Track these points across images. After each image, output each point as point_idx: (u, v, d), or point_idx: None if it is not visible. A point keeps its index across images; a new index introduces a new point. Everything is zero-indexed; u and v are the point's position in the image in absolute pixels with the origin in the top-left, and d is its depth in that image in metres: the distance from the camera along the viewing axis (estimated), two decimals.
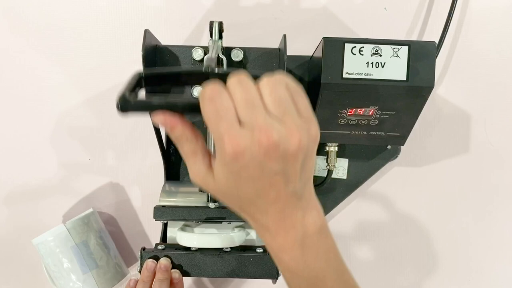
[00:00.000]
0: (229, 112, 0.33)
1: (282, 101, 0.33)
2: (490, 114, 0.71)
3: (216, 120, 0.33)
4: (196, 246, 0.57)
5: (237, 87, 0.33)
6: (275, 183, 0.34)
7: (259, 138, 0.32)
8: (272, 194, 0.35)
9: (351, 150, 0.68)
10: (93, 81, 0.69)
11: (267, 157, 0.32)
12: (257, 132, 0.32)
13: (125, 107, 0.35)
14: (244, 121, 0.33)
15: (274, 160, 0.33)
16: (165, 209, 0.57)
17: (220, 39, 0.56)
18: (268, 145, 0.32)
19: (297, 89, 0.35)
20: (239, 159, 0.32)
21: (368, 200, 0.71)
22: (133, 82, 0.38)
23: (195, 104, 0.34)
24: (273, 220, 0.37)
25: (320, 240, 0.38)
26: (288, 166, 0.34)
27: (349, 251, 0.71)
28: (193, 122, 0.69)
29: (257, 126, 0.32)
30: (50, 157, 0.70)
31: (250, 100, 0.33)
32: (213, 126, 0.33)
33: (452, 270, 0.71)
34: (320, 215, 0.38)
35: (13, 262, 0.70)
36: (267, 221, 0.37)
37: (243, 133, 0.32)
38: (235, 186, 0.35)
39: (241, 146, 0.32)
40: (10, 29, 0.69)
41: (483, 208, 0.71)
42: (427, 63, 0.53)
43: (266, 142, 0.32)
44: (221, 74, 0.39)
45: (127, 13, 0.69)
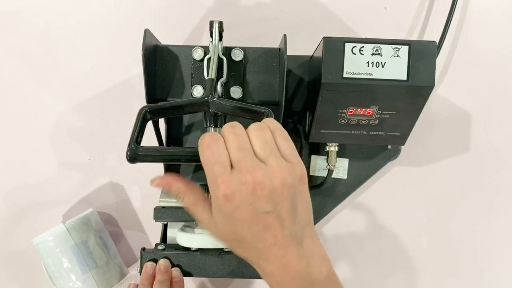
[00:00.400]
0: (223, 157, 0.36)
1: (267, 143, 0.36)
2: (490, 114, 0.71)
3: (212, 164, 0.36)
4: (196, 247, 0.57)
5: (230, 133, 0.37)
6: (270, 225, 0.36)
7: (246, 178, 0.35)
8: (269, 238, 0.36)
9: (351, 150, 0.68)
10: (93, 81, 0.69)
11: (255, 197, 0.35)
12: (244, 173, 0.35)
13: (134, 159, 0.43)
14: (234, 164, 0.36)
15: (263, 199, 0.35)
16: (165, 210, 0.57)
17: (220, 41, 0.56)
18: (254, 184, 0.35)
19: (282, 133, 0.38)
20: (230, 200, 0.35)
21: (368, 200, 0.71)
22: (138, 129, 0.45)
23: (195, 153, 0.38)
24: (276, 267, 0.37)
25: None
26: (278, 206, 0.35)
27: (349, 251, 0.71)
28: (192, 122, 0.69)
29: (244, 167, 0.35)
30: (50, 157, 0.70)
31: (241, 145, 0.36)
32: (209, 170, 0.36)
33: (452, 270, 0.71)
34: (326, 261, 0.39)
35: (13, 262, 0.70)
36: (271, 268, 0.37)
37: (233, 176, 0.35)
38: (233, 229, 0.37)
39: (232, 187, 0.35)
40: (10, 29, 0.69)
41: (483, 208, 0.71)
42: (427, 63, 0.53)
43: (252, 181, 0.35)
44: (219, 103, 0.45)
45: (127, 13, 0.69)
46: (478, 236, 0.71)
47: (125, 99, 0.69)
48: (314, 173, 0.69)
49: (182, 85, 0.59)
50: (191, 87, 0.59)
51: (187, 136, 0.68)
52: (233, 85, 0.59)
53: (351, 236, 0.71)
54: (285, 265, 0.37)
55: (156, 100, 0.60)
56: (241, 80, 0.59)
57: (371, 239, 0.71)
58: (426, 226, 0.71)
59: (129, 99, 0.69)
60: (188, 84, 0.59)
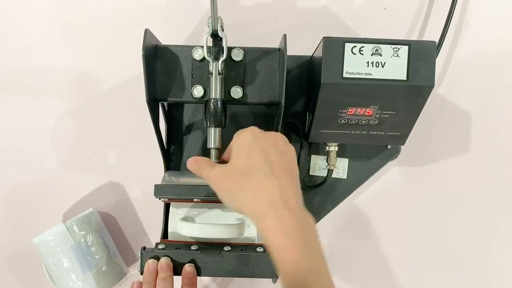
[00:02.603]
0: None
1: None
2: (490, 114, 0.71)
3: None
4: (197, 236, 0.58)
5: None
6: (273, 162, 0.49)
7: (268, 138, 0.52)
8: (268, 167, 0.48)
9: (351, 150, 0.69)
10: (93, 81, 0.69)
11: (272, 146, 0.50)
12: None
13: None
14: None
15: (274, 151, 0.50)
16: (165, 186, 0.57)
17: (220, 40, 0.56)
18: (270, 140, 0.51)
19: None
20: (258, 139, 0.50)
21: (368, 200, 0.71)
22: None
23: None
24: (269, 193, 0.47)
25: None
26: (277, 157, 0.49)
27: (348, 251, 0.71)
28: (193, 122, 0.69)
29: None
30: (50, 157, 0.70)
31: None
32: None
33: (452, 269, 0.71)
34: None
35: (13, 262, 0.70)
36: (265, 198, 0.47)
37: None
38: (247, 159, 0.48)
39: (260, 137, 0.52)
40: (10, 28, 0.69)
41: (483, 208, 0.71)
42: (427, 63, 0.53)
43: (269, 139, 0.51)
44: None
45: (127, 13, 0.69)
46: (478, 236, 0.71)
47: (125, 99, 0.69)
48: (314, 173, 0.69)
49: (182, 85, 0.59)
50: (191, 87, 0.59)
51: (187, 136, 0.68)
52: (233, 85, 0.59)
53: (351, 236, 0.71)
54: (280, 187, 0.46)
55: (156, 100, 0.60)
56: (241, 80, 0.59)
57: (371, 239, 0.71)
58: (426, 226, 0.71)
59: (129, 99, 0.69)
60: (188, 84, 0.59)
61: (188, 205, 0.62)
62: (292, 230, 0.43)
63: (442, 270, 0.71)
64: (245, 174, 0.47)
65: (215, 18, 0.53)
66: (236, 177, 0.48)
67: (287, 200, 0.45)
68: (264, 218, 0.44)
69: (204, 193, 0.56)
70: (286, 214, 0.44)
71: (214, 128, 0.57)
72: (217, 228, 0.58)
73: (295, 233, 0.43)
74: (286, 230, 0.43)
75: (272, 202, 0.45)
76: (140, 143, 0.69)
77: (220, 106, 0.56)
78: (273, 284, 0.58)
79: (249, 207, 0.46)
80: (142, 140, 0.69)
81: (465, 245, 0.71)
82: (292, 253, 0.43)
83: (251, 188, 0.46)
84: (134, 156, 0.70)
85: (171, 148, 0.68)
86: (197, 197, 0.56)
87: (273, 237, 0.44)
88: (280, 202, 0.45)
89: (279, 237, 0.43)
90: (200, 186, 0.56)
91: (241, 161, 0.48)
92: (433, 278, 0.71)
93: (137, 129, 0.69)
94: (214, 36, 0.56)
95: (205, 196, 0.56)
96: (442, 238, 0.71)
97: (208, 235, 0.57)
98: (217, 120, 0.56)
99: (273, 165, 0.47)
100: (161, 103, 0.63)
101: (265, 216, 0.44)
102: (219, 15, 0.53)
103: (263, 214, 0.45)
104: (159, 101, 0.61)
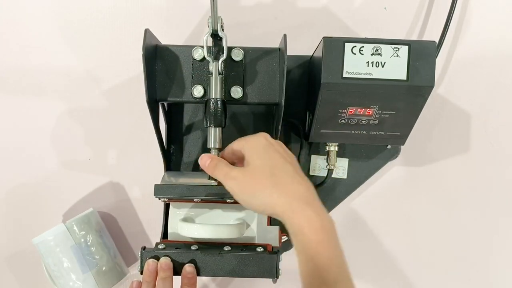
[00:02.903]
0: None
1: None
2: (490, 114, 0.71)
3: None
4: (197, 236, 0.58)
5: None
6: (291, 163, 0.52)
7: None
8: (290, 168, 0.51)
9: (351, 150, 0.69)
10: (93, 81, 0.69)
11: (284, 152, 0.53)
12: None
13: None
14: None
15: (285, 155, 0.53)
16: (165, 186, 0.57)
17: (220, 40, 0.56)
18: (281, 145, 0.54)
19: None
20: (272, 144, 0.52)
21: (368, 200, 0.71)
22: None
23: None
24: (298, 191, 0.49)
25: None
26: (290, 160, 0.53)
27: (348, 251, 0.71)
28: (193, 122, 0.69)
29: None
30: (50, 157, 0.70)
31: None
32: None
33: (452, 269, 0.71)
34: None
35: (13, 262, 0.70)
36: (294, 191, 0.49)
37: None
38: (270, 160, 0.50)
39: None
40: (10, 28, 0.69)
41: (483, 208, 0.71)
42: (427, 63, 0.53)
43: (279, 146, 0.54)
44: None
45: (127, 13, 0.69)
46: (478, 236, 0.71)
47: (126, 98, 0.69)
48: (314, 173, 0.69)
49: (182, 85, 0.59)
50: (191, 87, 0.59)
51: (187, 136, 0.68)
52: (233, 85, 0.59)
53: (351, 236, 0.71)
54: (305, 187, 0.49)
55: (156, 100, 0.60)
56: (241, 80, 0.59)
57: (371, 239, 0.71)
58: (426, 226, 0.71)
59: (129, 99, 0.69)
60: (188, 84, 0.59)
61: (188, 205, 0.62)
62: (328, 226, 0.46)
63: (442, 270, 0.71)
64: (271, 174, 0.48)
65: (215, 18, 0.53)
66: (262, 176, 0.49)
67: (317, 199, 0.48)
68: (302, 212, 0.46)
69: (204, 193, 0.56)
70: (320, 211, 0.46)
71: (214, 128, 0.57)
72: (217, 228, 0.58)
73: (331, 230, 0.46)
74: (325, 226, 0.45)
75: (306, 199, 0.47)
76: (140, 143, 0.69)
77: (220, 106, 0.56)
78: (273, 284, 0.58)
79: (282, 204, 0.47)
80: (142, 140, 0.69)
81: (465, 245, 0.71)
82: (329, 249, 0.45)
83: (281, 186, 0.48)
84: (134, 156, 0.70)
85: (171, 148, 0.68)
86: (197, 197, 0.56)
87: (311, 231, 0.45)
88: (312, 200, 0.47)
89: (318, 232, 0.45)
90: (200, 186, 0.56)
91: (263, 162, 0.50)
92: (433, 278, 0.71)
93: (137, 129, 0.69)
94: (214, 36, 0.56)
95: (205, 196, 0.56)
96: (442, 238, 0.71)
97: (208, 235, 0.57)
98: (217, 120, 0.56)
99: (293, 166, 0.50)
100: (161, 103, 0.63)
101: (303, 211, 0.46)
102: (219, 15, 0.53)
103: (300, 208, 0.46)
104: (159, 101, 0.61)
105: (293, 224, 0.46)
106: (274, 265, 0.56)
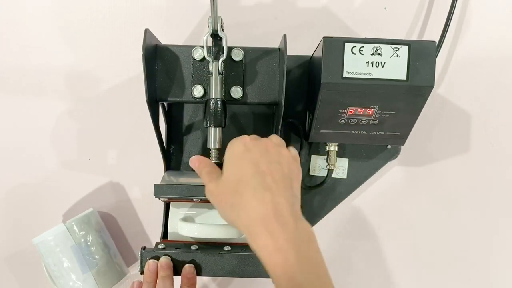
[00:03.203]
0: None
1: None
2: (490, 114, 0.71)
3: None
4: (197, 236, 0.58)
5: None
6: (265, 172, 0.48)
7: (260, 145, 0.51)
8: (266, 180, 0.47)
9: (351, 150, 0.69)
10: (93, 81, 0.69)
11: (264, 155, 0.49)
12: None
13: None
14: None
15: (264, 158, 0.49)
16: (165, 186, 0.57)
17: (220, 40, 0.56)
18: (262, 148, 0.50)
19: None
20: (249, 150, 0.49)
21: (368, 200, 0.71)
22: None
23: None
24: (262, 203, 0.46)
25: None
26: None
27: (348, 251, 0.71)
28: (193, 122, 0.69)
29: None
30: (50, 157, 0.70)
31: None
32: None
33: (452, 269, 0.71)
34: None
35: (13, 262, 0.70)
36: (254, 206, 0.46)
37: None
38: (239, 170, 0.48)
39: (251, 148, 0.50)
40: (10, 28, 0.69)
41: (483, 208, 0.71)
42: (427, 63, 0.53)
43: (261, 147, 0.50)
44: None
45: (127, 13, 0.69)
46: (478, 236, 0.71)
47: (125, 99, 0.69)
48: (314, 173, 0.69)
49: (182, 85, 0.59)
50: (191, 87, 0.59)
51: (187, 136, 0.68)
52: (233, 85, 0.59)
53: (351, 235, 0.71)
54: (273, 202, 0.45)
55: (156, 100, 0.60)
56: (241, 80, 0.59)
57: (371, 239, 0.71)
58: (426, 226, 0.71)
59: (129, 99, 0.69)
60: (188, 84, 0.59)
61: (188, 205, 0.62)
62: (284, 245, 0.42)
63: (442, 270, 0.71)
64: (235, 191, 0.46)
65: (215, 18, 0.53)
66: (228, 194, 0.47)
67: (280, 213, 0.44)
68: (256, 236, 0.43)
69: (204, 193, 0.56)
70: (278, 229, 0.43)
71: (214, 128, 0.57)
72: (217, 228, 0.58)
73: (289, 248, 0.42)
74: (279, 247, 0.42)
75: (263, 217, 0.44)
76: (140, 143, 0.69)
77: (220, 106, 0.56)
78: (273, 284, 0.58)
79: (241, 225, 0.45)
80: (142, 140, 0.69)
81: (465, 245, 0.71)
82: (286, 270, 0.42)
83: (242, 205, 0.45)
84: (134, 156, 0.70)
85: (171, 148, 0.68)
86: (196, 197, 0.56)
87: (266, 255, 0.43)
88: (271, 216, 0.43)
89: (272, 255, 0.42)
90: (200, 186, 0.56)
91: (231, 176, 0.48)
92: (433, 278, 0.71)
93: (137, 129, 0.69)
94: (214, 36, 0.56)
95: (205, 196, 0.56)
96: (442, 238, 0.71)
97: (208, 235, 0.57)
98: (217, 120, 0.56)
99: (265, 176, 0.46)
100: (161, 103, 0.63)
101: (257, 235, 0.43)
102: (219, 15, 0.53)
103: (255, 232, 0.44)
104: (159, 101, 0.61)
105: (252, 247, 0.44)
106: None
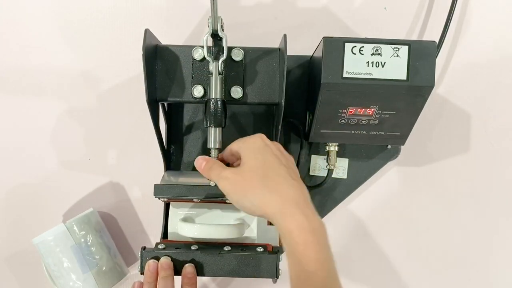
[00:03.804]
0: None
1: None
2: (490, 114, 0.71)
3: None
4: (197, 236, 0.58)
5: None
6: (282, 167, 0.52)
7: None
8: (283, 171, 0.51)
9: (351, 150, 0.69)
10: (93, 81, 0.69)
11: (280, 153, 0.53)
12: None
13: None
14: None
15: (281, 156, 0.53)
16: (165, 186, 0.57)
17: (220, 40, 0.56)
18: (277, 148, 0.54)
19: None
20: (269, 145, 0.52)
21: (368, 200, 0.71)
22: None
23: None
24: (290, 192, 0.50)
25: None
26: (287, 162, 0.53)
27: (348, 251, 0.71)
28: (193, 122, 0.69)
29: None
30: (50, 157, 0.70)
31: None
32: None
33: (452, 269, 0.71)
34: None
35: (13, 262, 0.70)
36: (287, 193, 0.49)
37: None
38: (264, 161, 0.50)
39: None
40: (10, 28, 0.69)
41: (483, 208, 0.71)
42: (427, 63, 0.53)
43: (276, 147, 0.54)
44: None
45: (127, 13, 0.69)
46: (478, 236, 0.71)
47: (126, 99, 0.69)
48: (314, 173, 0.69)
49: (183, 85, 0.59)
50: (191, 87, 0.59)
51: (187, 136, 0.68)
52: (233, 85, 0.59)
53: (351, 236, 0.71)
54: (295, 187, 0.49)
55: (156, 100, 0.60)
56: (241, 80, 0.59)
57: (371, 239, 0.71)
58: (426, 226, 0.71)
59: (129, 99, 0.69)
60: (188, 84, 0.59)
61: (188, 205, 0.62)
62: (318, 229, 0.46)
63: (442, 270, 0.71)
64: (264, 175, 0.49)
65: (215, 18, 0.53)
66: (254, 177, 0.49)
67: (308, 202, 0.48)
68: (292, 215, 0.46)
69: (204, 193, 0.56)
70: (311, 214, 0.46)
71: (214, 128, 0.57)
72: (217, 228, 0.58)
73: (321, 233, 0.46)
74: (314, 229, 0.45)
75: (297, 201, 0.47)
76: (140, 143, 0.69)
77: (220, 106, 0.56)
78: (273, 284, 0.58)
79: (272, 206, 0.47)
80: (142, 140, 0.69)
81: (465, 245, 0.71)
82: (317, 251, 0.45)
83: (274, 188, 0.48)
84: (134, 156, 0.70)
85: (171, 148, 0.68)
86: (196, 197, 0.56)
87: (299, 233, 0.45)
88: (303, 203, 0.47)
89: (307, 234, 0.45)
90: (200, 186, 0.56)
91: (257, 162, 0.50)
92: (433, 278, 0.71)
93: (137, 129, 0.69)
94: (214, 36, 0.56)
95: (205, 196, 0.56)
96: (442, 238, 0.71)
97: (208, 235, 0.57)
98: (217, 120, 0.56)
99: (288, 168, 0.50)
100: (161, 103, 0.63)
101: (293, 214, 0.46)
102: (219, 15, 0.53)
103: (290, 212, 0.46)
104: (159, 101, 0.61)
105: (282, 226, 0.46)
106: (274, 265, 0.56)
